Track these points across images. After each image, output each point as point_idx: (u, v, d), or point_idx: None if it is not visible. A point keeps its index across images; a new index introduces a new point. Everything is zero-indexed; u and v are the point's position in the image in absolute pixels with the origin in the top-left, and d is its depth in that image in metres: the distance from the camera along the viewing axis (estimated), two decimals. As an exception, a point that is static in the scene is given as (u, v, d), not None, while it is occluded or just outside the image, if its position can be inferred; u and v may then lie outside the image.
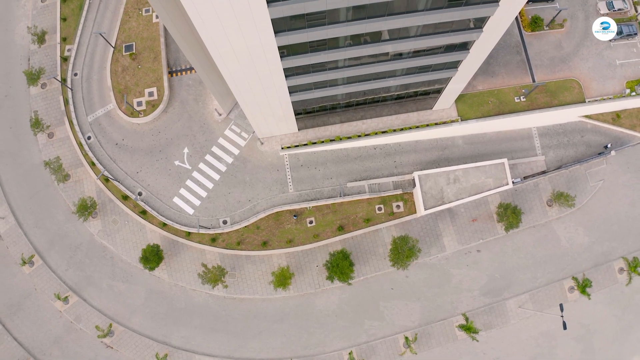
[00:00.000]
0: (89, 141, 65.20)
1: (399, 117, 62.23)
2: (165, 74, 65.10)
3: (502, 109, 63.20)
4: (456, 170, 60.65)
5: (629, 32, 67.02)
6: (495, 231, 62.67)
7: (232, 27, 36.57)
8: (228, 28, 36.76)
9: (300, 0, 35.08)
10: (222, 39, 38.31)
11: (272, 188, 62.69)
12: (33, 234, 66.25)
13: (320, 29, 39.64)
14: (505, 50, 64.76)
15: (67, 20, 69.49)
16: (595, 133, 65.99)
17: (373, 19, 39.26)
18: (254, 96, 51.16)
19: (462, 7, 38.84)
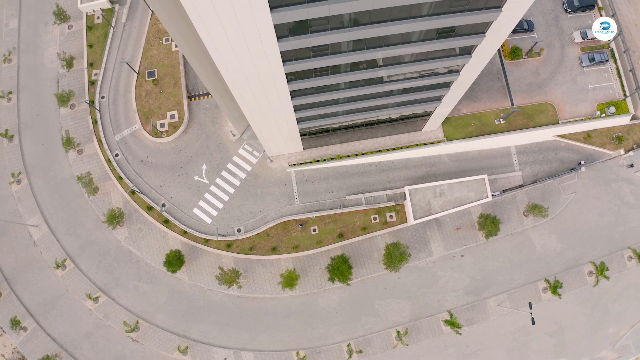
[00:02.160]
0: (117, 158, 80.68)
1: (392, 138, 77.81)
2: (185, 99, 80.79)
3: (483, 130, 78.66)
4: (442, 185, 76.31)
5: (601, 59, 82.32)
6: (477, 238, 78.15)
7: (244, 57, 44.99)
8: (241, 58, 45.21)
9: (307, 36, 44.68)
10: (235, 67, 47.10)
11: (280, 200, 78.35)
12: (65, 241, 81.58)
13: (323, 58, 49.03)
14: (488, 77, 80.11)
15: (93, 47, 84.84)
16: (568, 151, 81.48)
17: (371, 50, 49.13)
18: (264, 119, 65.54)
19: (451, 39, 49.46)
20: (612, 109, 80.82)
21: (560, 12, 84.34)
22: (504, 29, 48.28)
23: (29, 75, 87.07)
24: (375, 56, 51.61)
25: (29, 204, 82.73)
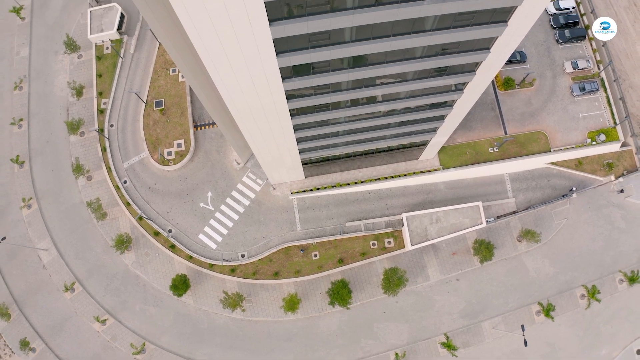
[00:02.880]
0: (125, 185, 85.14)
1: (390, 167, 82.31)
2: (191, 128, 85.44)
3: (478, 159, 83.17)
4: (438, 211, 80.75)
5: (591, 89, 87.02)
6: (472, 263, 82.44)
7: (250, 91, 47.90)
8: (247, 92, 48.07)
9: (310, 77, 48.52)
10: (240, 100, 49.76)
11: (282, 227, 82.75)
12: (74, 264, 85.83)
13: (325, 96, 53.26)
14: (482, 107, 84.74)
15: (102, 76, 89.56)
16: (560, 177, 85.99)
17: (369, 87, 53.42)
18: (267, 149, 69.77)
19: (444, 77, 53.90)
20: (602, 136, 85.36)
21: (552, 43, 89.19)
22: (493, 67, 52.78)
23: (40, 102, 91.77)
24: (373, 93, 55.87)
25: (39, 228, 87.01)
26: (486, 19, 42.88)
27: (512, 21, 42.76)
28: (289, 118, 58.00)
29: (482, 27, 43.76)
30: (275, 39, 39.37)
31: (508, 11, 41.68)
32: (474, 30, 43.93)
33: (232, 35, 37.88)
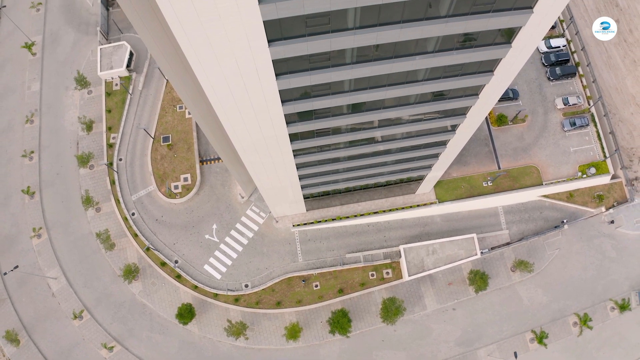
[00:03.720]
0: (133, 217, 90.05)
1: (388, 200, 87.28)
2: (197, 163, 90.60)
3: (472, 192, 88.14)
4: (434, 243, 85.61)
5: (582, 124, 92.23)
6: (468, 293, 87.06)
7: (252, 124, 49.84)
8: (252, 131, 50.90)
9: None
10: (245, 135, 52.28)
11: (285, 258, 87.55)
12: (82, 293, 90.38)
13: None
14: (476, 142, 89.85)
15: (111, 112, 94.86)
16: (552, 210, 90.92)
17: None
18: (270, 183, 74.14)
19: (437, 119, 58.38)
20: (592, 169, 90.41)
21: (544, 80, 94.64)
22: (482, 111, 57.47)
23: (50, 136, 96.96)
24: (370, 134, 60.99)
25: (49, 257, 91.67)
26: (473, 69, 47.85)
27: (497, 71, 47.75)
28: (291, 154, 61.93)
29: (470, 77, 48.61)
30: (280, 90, 43.35)
31: (493, 62, 46.67)
32: (463, 79, 48.83)
33: (241, 83, 41.34)
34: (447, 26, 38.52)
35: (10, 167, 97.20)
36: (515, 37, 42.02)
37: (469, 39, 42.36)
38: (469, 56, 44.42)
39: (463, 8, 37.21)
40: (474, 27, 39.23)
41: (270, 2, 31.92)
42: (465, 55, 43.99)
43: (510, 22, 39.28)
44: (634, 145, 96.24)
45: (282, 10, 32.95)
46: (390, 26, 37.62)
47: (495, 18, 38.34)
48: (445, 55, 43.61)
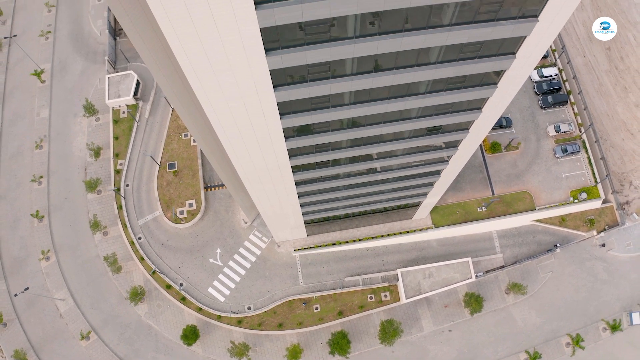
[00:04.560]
0: (140, 241, 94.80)
1: (386, 225, 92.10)
2: (202, 189, 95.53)
3: (467, 218, 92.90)
4: (431, 267, 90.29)
5: (573, 150, 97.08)
6: (463, 315, 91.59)
7: (256, 154, 52.29)
8: (253, 155, 52.62)
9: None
10: (247, 162, 54.31)
11: (286, 281, 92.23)
12: (89, 314, 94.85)
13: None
14: (471, 169, 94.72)
15: (118, 139, 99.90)
16: (545, 234, 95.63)
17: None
18: (272, 209, 78.60)
19: (429, 152, 63.04)
20: (584, 195, 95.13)
21: (536, 109, 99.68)
22: (473, 143, 62.00)
23: (59, 161, 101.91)
24: (369, 154, 62.89)
25: (57, 279, 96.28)
26: (463, 107, 52.04)
27: (485, 108, 52.11)
28: (293, 183, 65.90)
29: (460, 114, 52.69)
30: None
31: (482, 101, 51.07)
32: (453, 116, 52.99)
33: (247, 121, 45.12)
34: (437, 71, 42.91)
35: (19, 191, 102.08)
36: (501, 78, 46.74)
37: (457, 81, 47.11)
38: (458, 96, 49.00)
39: (451, 55, 41.78)
40: (463, 71, 43.60)
41: (276, 54, 36.26)
42: (454, 95, 48.58)
43: (496, 67, 43.84)
44: (625, 170, 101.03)
45: (287, 61, 37.31)
46: (385, 72, 42.07)
47: (482, 63, 42.82)
48: (436, 96, 48.21)
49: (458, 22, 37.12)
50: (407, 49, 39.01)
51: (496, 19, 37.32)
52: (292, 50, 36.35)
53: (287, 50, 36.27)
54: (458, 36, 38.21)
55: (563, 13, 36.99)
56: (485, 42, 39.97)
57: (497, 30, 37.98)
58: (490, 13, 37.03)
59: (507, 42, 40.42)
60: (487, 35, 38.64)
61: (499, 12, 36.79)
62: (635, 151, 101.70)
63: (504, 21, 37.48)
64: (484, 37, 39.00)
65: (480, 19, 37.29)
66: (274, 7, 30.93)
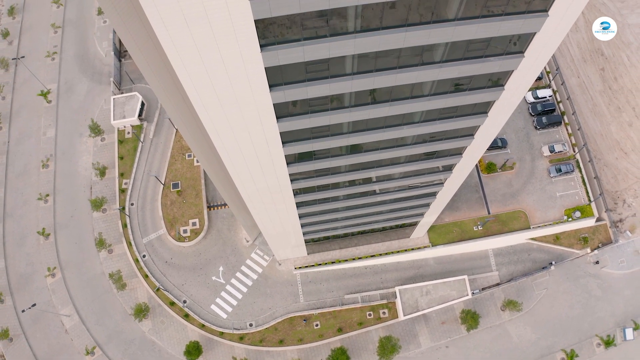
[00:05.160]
0: (144, 259, 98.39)
1: (384, 244, 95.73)
2: (205, 208, 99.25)
3: (464, 236, 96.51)
4: (428, 285, 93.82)
5: (567, 170, 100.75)
6: (460, 331, 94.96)
7: (258, 177, 54.91)
8: (256, 178, 55.14)
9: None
10: (250, 183, 56.61)
11: (287, 299, 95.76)
12: (94, 330, 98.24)
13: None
14: (467, 189, 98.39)
15: (123, 158, 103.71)
16: (539, 252, 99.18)
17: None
18: (274, 228, 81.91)
19: (427, 175, 66.37)
20: (577, 213, 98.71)
21: (531, 129, 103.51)
22: (464, 169, 65.69)
23: (65, 180, 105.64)
24: (367, 177, 66.08)
25: (62, 295, 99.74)
26: (455, 134, 55.79)
27: (477, 135, 55.62)
28: (293, 203, 68.67)
29: (453, 140, 56.19)
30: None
31: (473, 128, 54.56)
32: (447, 142, 56.83)
33: (251, 149, 48.15)
34: (429, 103, 46.30)
35: (26, 209, 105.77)
36: (491, 108, 50.38)
37: (450, 111, 50.31)
38: (451, 125, 52.03)
39: (443, 88, 45.02)
40: (452, 102, 47.00)
41: (279, 90, 39.40)
42: (447, 124, 51.71)
43: (485, 98, 47.55)
44: (618, 188, 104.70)
45: (289, 96, 40.62)
46: (381, 104, 45.57)
47: (472, 95, 46.28)
48: (429, 124, 51.25)
49: (448, 59, 40.27)
50: (401, 83, 42.15)
51: (484, 55, 40.48)
52: (294, 86, 39.64)
53: (290, 86, 39.50)
54: (449, 72, 41.43)
55: (547, 50, 40.39)
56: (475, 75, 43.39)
57: (485, 65, 41.24)
58: (479, 50, 40.04)
59: (495, 75, 43.84)
60: (477, 70, 41.95)
61: (486, 49, 39.88)
62: (628, 170, 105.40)
63: (491, 57, 40.54)
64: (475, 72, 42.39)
65: (469, 55, 40.39)
66: (277, 49, 34.16)
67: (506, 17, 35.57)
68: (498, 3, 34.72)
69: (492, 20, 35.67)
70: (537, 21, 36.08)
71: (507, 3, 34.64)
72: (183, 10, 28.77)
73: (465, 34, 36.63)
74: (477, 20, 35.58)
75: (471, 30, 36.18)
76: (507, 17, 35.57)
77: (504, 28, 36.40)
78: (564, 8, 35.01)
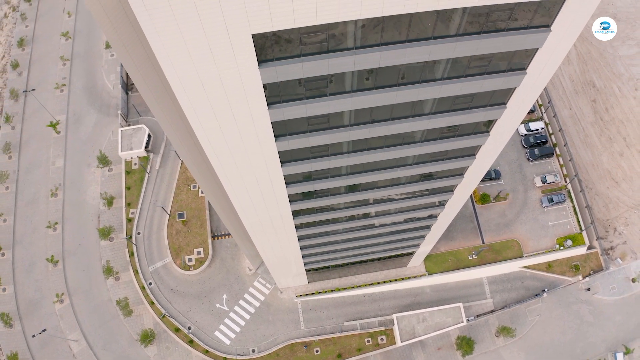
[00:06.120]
0: (150, 286, 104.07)
1: (382, 273, 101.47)
2: (209, 238, 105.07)
3: (459, 265, 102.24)
4: (424, 312, 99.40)
5: (559, 200, 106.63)
6: (455, 357, 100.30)
7: (262, 210, 57.81)
8: (259, 211, 58.05)
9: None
10: (253, 215, 59.24)
11: (288, 325, 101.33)
12: (101, 355, 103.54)
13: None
14: (462, 219, 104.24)
15: (130, 189, 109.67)
16: (532, 279, 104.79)
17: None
18: (275, 257, 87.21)
19: (426, 197, 70.43)
20: (569, 242, 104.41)
21: (524, 161, 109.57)
22: (455, 206, 71.25)
23: (73, 209, 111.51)
24: (366, 210, 71.91)
25: (70, 321, 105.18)
26: (443, 183, 61.79)
27: (466, 175, 61.23)
28: (294, 233, 73.02)
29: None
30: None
31: (462, 169, 59.84)
32: (440, 182, 62.27)
33: (253, 177, 49.52)
34: (422, 148, 51.40)
35: (35, 237, 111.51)
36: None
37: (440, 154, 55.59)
38: (441, 166, 57.70)
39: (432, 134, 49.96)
40: (443, 147, 51.65)
41: (284, 140, 44.05)
42: (437, 165, 57.29)
43: (472, 142, 53.01)
44: (609, 216, 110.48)
45: (292, 145, 45.25)
46: (376, 149, 50.21)
47: (460, 141, 51.62)
48: (422, 166, 56.44)
49: (437, 111, 44.91)
50: (394, 133, 46.85)
51: (470, 107, 44.91)
52: (297, 137, 44.34)
53: (293, 136, 44.17)
54: (438, 122, 45.96)
55: (527, 101, 44.46)
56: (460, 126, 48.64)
57: (471, 116, 45.97)
58: (464, 103, 44.43)
59: (479, 125, 48.82)
60: (462, 120, 46.78)
61: (471, 102, 44.22)
62: (619, 198, 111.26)
63: (476, 109, 45.13)
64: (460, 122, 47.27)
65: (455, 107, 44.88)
66: (283, 107, 38.96)
67: (487, 76, 39.74)
68: (480, 64, 38.72)
69: (474, 79, 40.06)
70: (517, 78, 40.42)
71: (488, 64, 38.67)
72: (200, 76, 33.09)
73: (450, 91, 41.11)
74: (461, 80, 39.93)
75: (456, 87, 40.57)
76: (489, 75, 39.76)
77: (486, 85, 40.69)
78: (542, 65, 39.03)
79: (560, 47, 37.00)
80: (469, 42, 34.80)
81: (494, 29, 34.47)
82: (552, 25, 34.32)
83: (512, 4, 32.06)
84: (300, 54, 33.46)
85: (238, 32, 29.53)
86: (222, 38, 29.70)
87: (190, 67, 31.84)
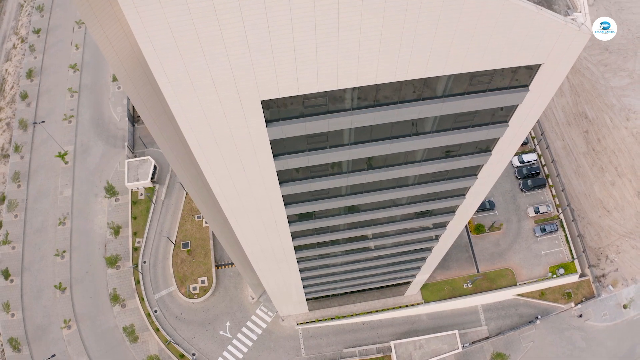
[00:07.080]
0: (156, 313, 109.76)
1: (380, 301, 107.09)
2: (213, 267, 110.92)
3: (454, 293, 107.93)
4: (421, 339, 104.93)
5: (551, 229, 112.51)
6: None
7: (264, 242, 60.68)
8: (262, 242, 60.73)
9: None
10: (255, 246, 62.28)
11: (289, 352, 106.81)
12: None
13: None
14: (457, 249, 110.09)
15: (137, 218, 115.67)
16: (526, 307, 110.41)
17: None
18: (277, 286, 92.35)
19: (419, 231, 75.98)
20: (561, 270, 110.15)
21: (517, 192, 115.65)
22: (448, 240, 76.90)
23: (81, 238, 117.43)
24: (363, 255, 79.83)
25: (77, 347, 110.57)
26: (439, 211, 67.24)
27: (459, 210, 66.95)
28: (295, 262, 76.86)
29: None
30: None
31: (454, 206, 65.92)
32: (434, 219, 68.12)
33: (258, 215, 53.11)
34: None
35: (43, 264, 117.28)
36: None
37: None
38: (436, 199, 63.04)
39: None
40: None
41: (288, 185, 48.62)
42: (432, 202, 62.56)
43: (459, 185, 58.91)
44: (601, 245, 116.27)
45: (295, 189, 49.88)
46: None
47: (452, 183, 56.95)
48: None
49: (428, 159, 49.34)
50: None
51: (458, 154, 49.16)
52: (299, 182, 48.88)
53: (296, 182, 48.83)
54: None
55: (514, 144, 48.01)
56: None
57: (459, 162, 50.21)
58: (453, 152, 48.80)
59: (468, 169, 53.35)
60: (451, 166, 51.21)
61: (458, 150, 48.43)
62: (611, 227, 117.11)
63: (463, 156, 49.29)
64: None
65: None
66: (287, 158, 43.22)
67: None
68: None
69: (461, 131, 44.11)
70: (499, 130, 44.45)
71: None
72: (214, 133, 37.28)
73: (438, 143, 45.30)
74: (448, 132, 43.90)
75: (443, 139, 44.62)
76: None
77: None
78: (522, 118, 42.77)
79: (539, 102, 41.15)
80: (453, 102, 38.94)
81: (477, 90, 38.72)
82: (530, 85, 38.54)
83: (491, 70, 36.47)
84: (303, 114, 37.94)
85: (249, 98, 34.28)
86: (235, 103, 34.43)
87: (205, 127, 36.16)
